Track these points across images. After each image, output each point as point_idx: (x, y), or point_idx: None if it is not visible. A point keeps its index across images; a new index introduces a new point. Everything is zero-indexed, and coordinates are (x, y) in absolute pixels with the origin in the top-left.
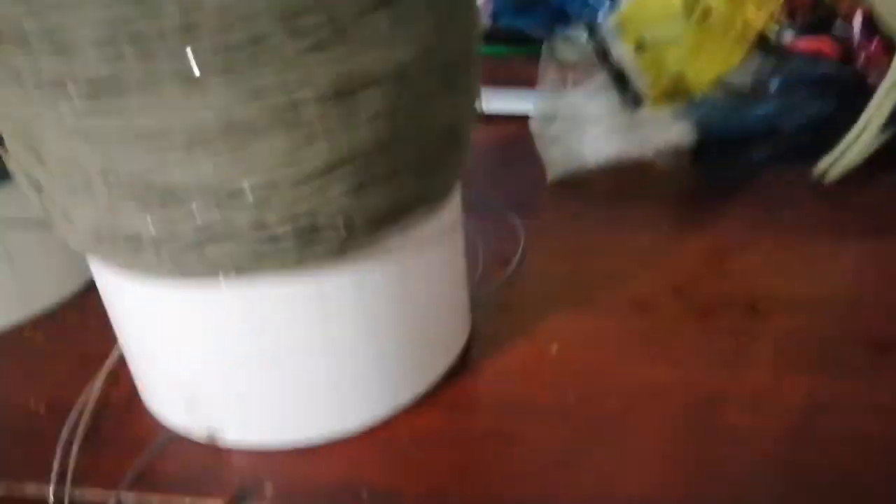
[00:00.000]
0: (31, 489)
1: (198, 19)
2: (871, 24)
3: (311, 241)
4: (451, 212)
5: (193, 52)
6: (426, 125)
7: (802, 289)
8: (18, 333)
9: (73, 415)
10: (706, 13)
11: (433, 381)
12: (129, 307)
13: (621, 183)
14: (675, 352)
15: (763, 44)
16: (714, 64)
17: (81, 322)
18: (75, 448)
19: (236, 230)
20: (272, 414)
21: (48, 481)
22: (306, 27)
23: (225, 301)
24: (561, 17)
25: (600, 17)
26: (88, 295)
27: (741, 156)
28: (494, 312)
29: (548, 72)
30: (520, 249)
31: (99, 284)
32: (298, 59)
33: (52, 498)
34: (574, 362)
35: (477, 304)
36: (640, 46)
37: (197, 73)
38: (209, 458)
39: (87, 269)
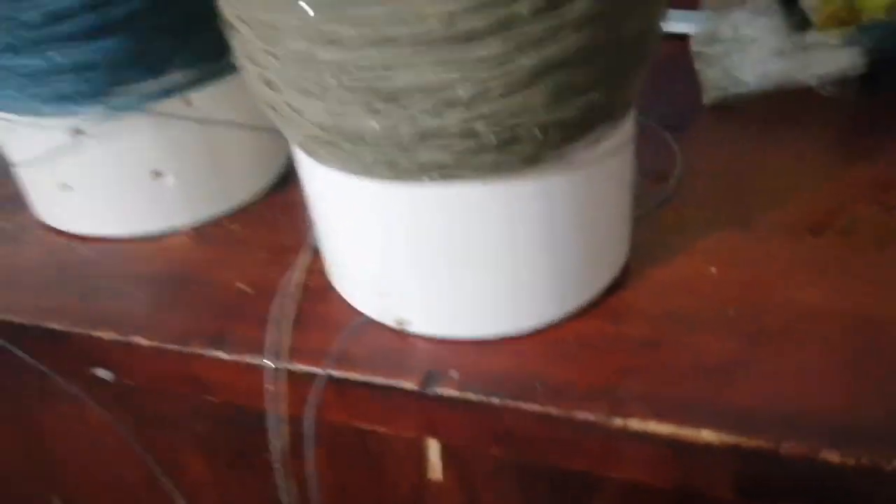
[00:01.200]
0: (251, 360)
1: None
2: None
3: (510, 149)
4: (629, 127)
5: None
6: (621, 36)
7: None
8: (220, 224)
9: (278, 298)
10: None
11: (598, 291)
12: (336, 203)
13: (783, 108)
14: (838, 278)
15: None
16: None
17: (272, 216)
18: (285, 326)
19: (447, 134)
20: (456, 308)
21: (263, 353)
22: None
23: (425, 201)
24: None
25: None
26: (275, 192)
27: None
28: (654, 230)
29: None
30: (676, 169)
31: (306, 180)
32: None
33: (273, 366)
34: (733, 281)
35: (637, 221)
36: None
37: None
38: (398, 343)
39: (274, 167)
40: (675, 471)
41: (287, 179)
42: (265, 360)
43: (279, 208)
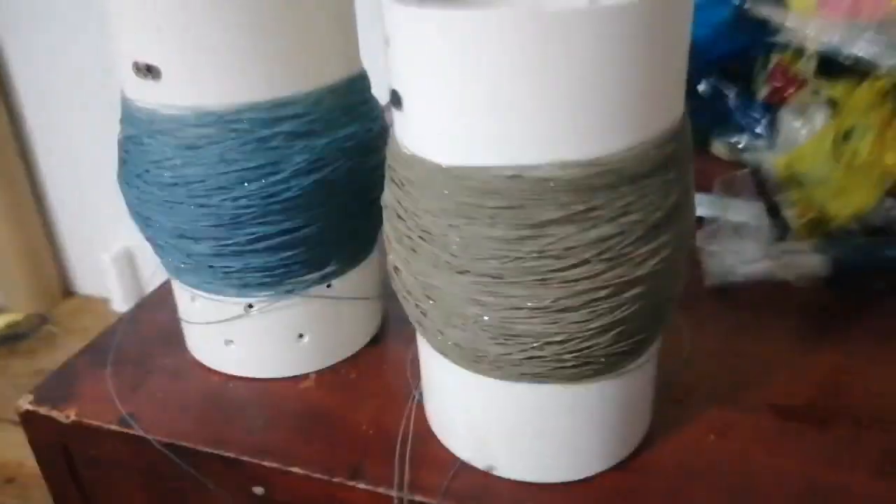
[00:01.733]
0: (384, 491)
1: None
2: None
3: (583, 369)
4: (659, 340)
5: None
6: (668, 297)
7: None
8: (337, 370)
9: (396, 439)
10: (853, 157)
11: (630, 451)
12: (450, 384)
13: (768, 296)
14: (799, 450)
15: None
16: (854, 202)
17: (377, 365)
18: (404, 464)
19: (544, 359)
20: (531, 461)
21: (391, 485)
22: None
23: (521, 393)
24: (721, 119)
25: (759, 129)
26: (374, 345)
27: (868, 286)
28: (667, 399)
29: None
30: (686, 346)
31: (425, 360)
32: (599, 273)
33: (400, 498)
34: (725, 448)
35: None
36: (793, 184)
37: (543, 277)
38: (488, 481)
39: (374, 326)
40: None
41: (381, 335)
42: (395, 493)
43: (381, 359)
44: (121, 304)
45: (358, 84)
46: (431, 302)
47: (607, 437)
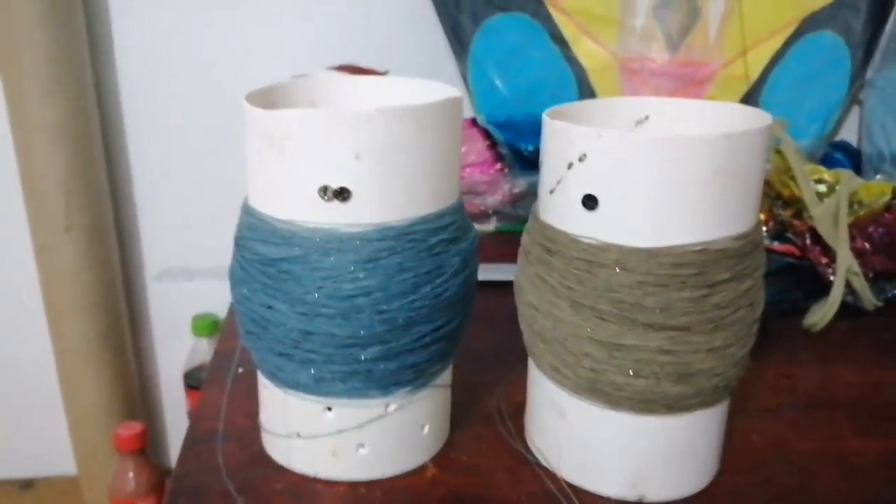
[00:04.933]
0: None
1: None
2: (815, 235)
3: (725, 388)
4: None
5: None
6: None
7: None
8: (447, 455)
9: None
10: None
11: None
12: (612, 434)
13: None
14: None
15: None
16: None
17: (477, 444)
18: None
19: (708, 391)
20: (681, 479)
21: None
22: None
23: (674, 426)
24: None
25: None
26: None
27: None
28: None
29: None
30: None
31: (586, 421)
32: (744, 315)
33: None
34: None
35: None
36: None
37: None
38: None
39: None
40: None
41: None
42: None
43: (475, 437)
44: None
45: (462, 203)
46: (606, 356)
47: (718, 448)
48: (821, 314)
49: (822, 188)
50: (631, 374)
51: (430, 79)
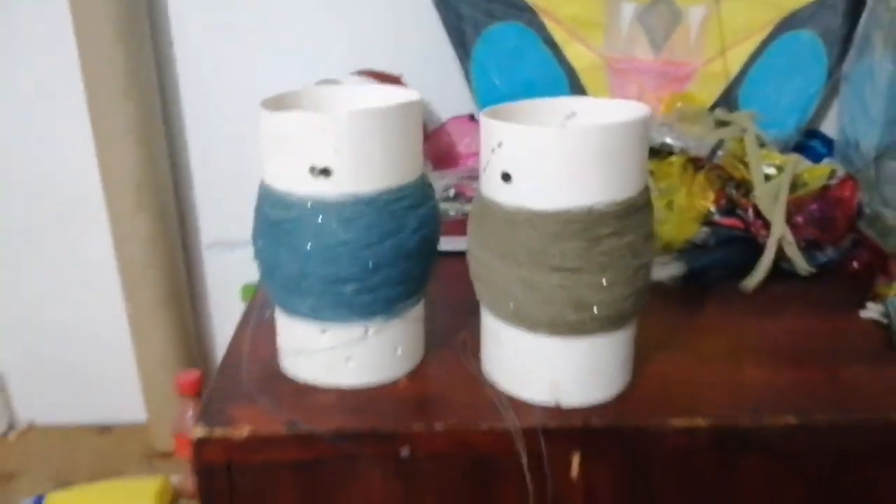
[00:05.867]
0: (498, 426)
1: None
2: (757, 211)
3: (616, 319)
4: None
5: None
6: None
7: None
8: (417, 374)
9: (495, 400)
10: (671, 205)
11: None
12: (535, 350)
13: (653, 291)
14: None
15: (706, 219)
16: (684, 231)
17: (442, 366)
18: (507, 408)
19: (601, 319)
20: (589, 389)
21: (503, 424)
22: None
23: (580, 346)
24: None
25: None
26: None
27: (702, 278)
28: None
29: None
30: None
31: (514, 340)
32: (629, 263)
33: (511, 428)
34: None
35: None
36: None
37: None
38: (557, 414)
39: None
40: None
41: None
42: (510, 426)
43: (439, 360)
44: None
45: (425, 178)
46: (523, 292)
47: (625, 367)
48: (754, 276)
49: (773, 171)
50: (541, 303)
51: (438, 80)
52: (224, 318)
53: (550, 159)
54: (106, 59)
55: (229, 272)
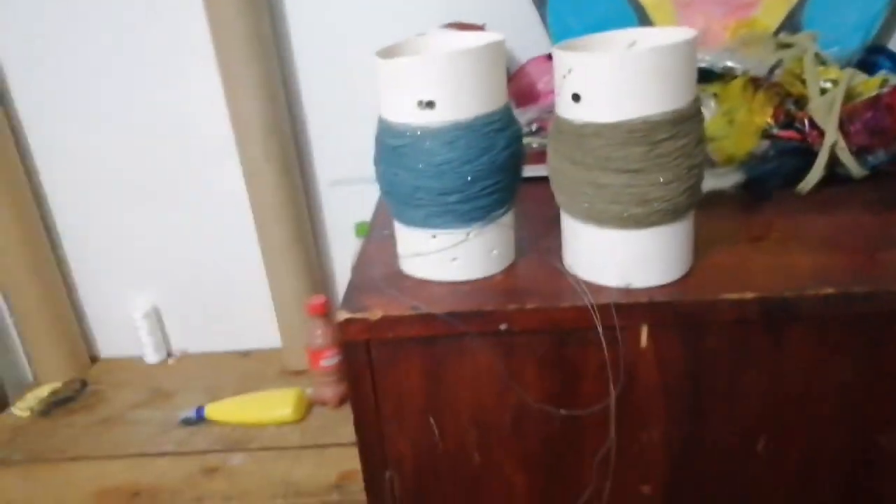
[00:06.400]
0: (579, 303)
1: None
2: (812, 123)
3: (676, 211)
4: None
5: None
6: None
7: (815, 230)
8: (508, 271)
9: (567, 286)
10: (733, 122)
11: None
12: (605, 240)
13: (715, 199)
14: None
15: (766, 133)
16: (744, 146)
17: (533, 262)
18: (583, 289)
19: (663, 211)
20: (657, 273)
21: (584, 303)
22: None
23: (647, 236)
24: None
25: None
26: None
27: (763, 186)
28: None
29: None
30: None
31: (589, 232)
32: (683, 162)
33: (588, 304)
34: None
35: None
36: (712, 141)
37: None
38: (628, 294)
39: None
40: None
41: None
42: (588, 302)
43: (530, 261)
44: (153, 357)
45: (510, 106)
46: (593, 193)
47: (685, 255)
48: (809, 180)
49: (829, 85)
50: (610, 200)
51: (519, 25)
52: (341, 251)
53: (610, 80)
54: (231, 27)
55: (345, 212)
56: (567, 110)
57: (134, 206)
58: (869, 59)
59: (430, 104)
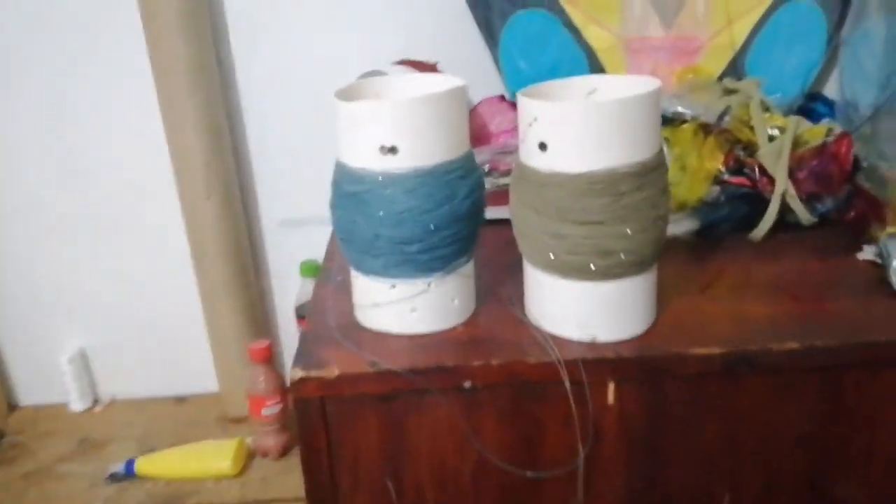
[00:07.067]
0: (544, 360)
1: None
2: (763, 169)
3: (640, 264)
4: None
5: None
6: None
7: (759, 276)
8: (470, 322)
9: (542, 341)
10: (685, 167)
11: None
12: (568, 293)
13: (668, 245)
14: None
15: (717, 179)
16: (697, 190)
17: (491, 314)
18: (549, 344)
19: (626, 263)
20: (620, 326)
21: (549, 357)
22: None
23: (609, 289)
24: None
25: None
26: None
27: (714, 232)
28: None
29: None
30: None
31: (550, 285)
32: (647, 215)
33: (555, 360)
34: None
35: None
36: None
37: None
38: (592, 349)
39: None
40: None
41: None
42: (554, 357)
43: (490, 311)
44: (78, 404)
45: (472, 153)
46: (558, 244)
47: (649, 307)
48: (761, 227)
49: (776, 132)
50: (569, 252)
51: (470, 65)
52: (284, 291)
53: (578, 129)
54: (173, 57)
55: (289, 250)
56: (531, 158)
57: (62, 241)
58: (807, 106)
59: (393, 150)
